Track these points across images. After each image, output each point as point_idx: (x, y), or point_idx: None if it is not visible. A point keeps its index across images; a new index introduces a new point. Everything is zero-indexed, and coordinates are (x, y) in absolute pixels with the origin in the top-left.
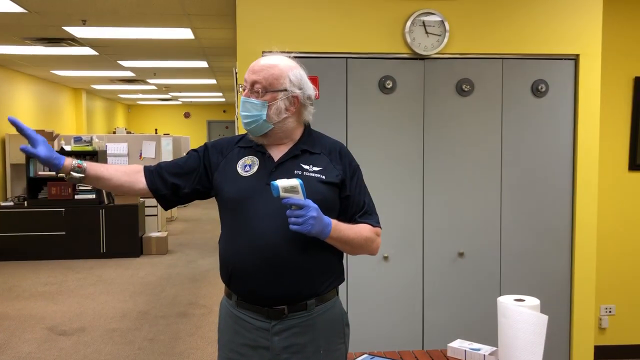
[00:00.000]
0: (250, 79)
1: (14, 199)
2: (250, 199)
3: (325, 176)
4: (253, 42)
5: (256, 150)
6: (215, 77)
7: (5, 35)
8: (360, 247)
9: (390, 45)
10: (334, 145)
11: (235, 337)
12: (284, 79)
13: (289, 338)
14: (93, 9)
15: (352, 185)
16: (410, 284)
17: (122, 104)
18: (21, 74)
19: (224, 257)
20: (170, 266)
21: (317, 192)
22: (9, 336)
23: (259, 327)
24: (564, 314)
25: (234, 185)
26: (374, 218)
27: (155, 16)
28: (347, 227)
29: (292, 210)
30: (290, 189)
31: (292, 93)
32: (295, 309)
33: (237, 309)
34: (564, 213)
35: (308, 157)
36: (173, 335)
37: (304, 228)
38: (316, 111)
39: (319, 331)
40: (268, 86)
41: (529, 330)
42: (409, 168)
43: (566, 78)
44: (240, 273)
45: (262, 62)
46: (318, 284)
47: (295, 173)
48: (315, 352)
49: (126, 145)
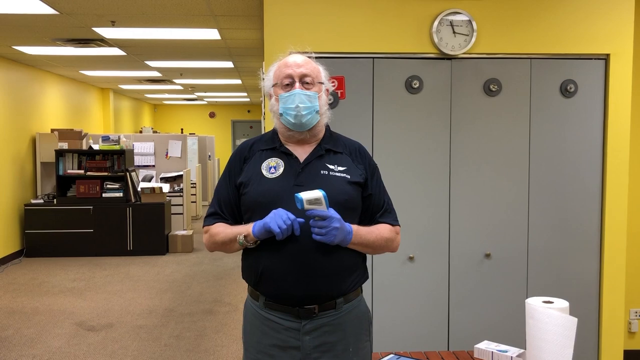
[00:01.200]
0: (298, 72)
1: (43, 197)
2: (278, 201)
3: (351, 176)
4: (280, 43)
5: (280, 152)
6: (240, 77)
7: (36, 36)
8: (381, 248)
9: (417, 45)
10: (353, 145)
11: (264, 338)
12: (321, 73)
13: (320, 337)
14: (122, 10)
15: (373, 184)
16: (436, 285)
17: (148, 103)
18: (51, 74)
19: (251, 259)
20: (195, 264)
21: (344, 192)
22: (39, 331)
23: (288, 327)
24: (592, 317)
25: (259, 187)
26: (393, 216)
27: (182, 17)
28: (368, 232)
29: (316, 221)
30: (314, 201)
31: (326, 87)
32: (325, 308)
33: (265, 310)
34: (593, 214)
35: (332, 156)
36: (199, 333)
37: (327, 239)
38: (342, 111)
39: (348, 329)
40: (315, 78)
41: (558, 332)
42: (435, 168)
43: (596, 78)
44: (271, 274)
45: (299, 57)
46: (346, 283)
47: (322, 173)
48: (344, 350)
49: (153, 144)
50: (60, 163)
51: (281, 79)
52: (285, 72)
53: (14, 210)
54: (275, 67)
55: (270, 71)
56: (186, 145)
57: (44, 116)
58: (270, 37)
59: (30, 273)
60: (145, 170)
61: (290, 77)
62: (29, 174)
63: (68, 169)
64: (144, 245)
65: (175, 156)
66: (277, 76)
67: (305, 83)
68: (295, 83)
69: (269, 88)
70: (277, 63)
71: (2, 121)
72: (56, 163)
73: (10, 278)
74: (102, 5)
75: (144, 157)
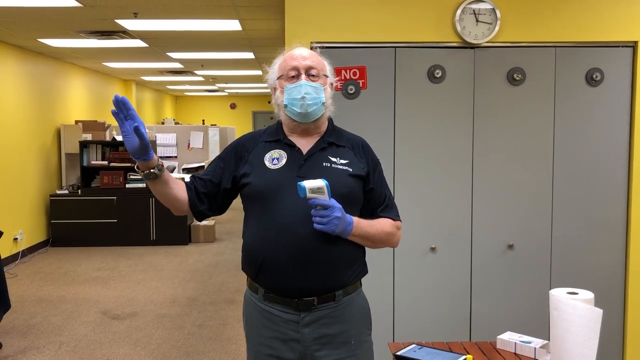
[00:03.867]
0: (304, 65)
1: (68, 188)
2: (280, 192)
3: (352, 169)
4: (301, 33)
5: (284, 144)
6: (260, 68)
7: (61, 29)
8: (381, 242)
9: (440, 34)
10: (356, 140)
11: (264, 330)
12: (326, 66)
13: (319, 329)
14: (144, 2)
15: (375, 178)
16: (458, 276)
17: (170, 95)
18: (75, 66)
19: (251, 250)
20: (217, 254)
21: (345, 185)
22: (66, 318)
23: (288, 319)
24: (617, 310)
25: (262, 177)
26: (394, 212)
27: (203, 8)
28: (368, 224)
29: (317, 210)
30: (316, 190)
31: (331, 80)
32: (324, 300)
33: (265, 302)
34: (619, 205)
35: (335, 149)
36: (221, 321)
37: (328, 227)
38: (364, 101)
39: (348, 322)
40: (320, 71)
41: (582, 324)
42: (457, 158)
43: (623, 66)
44: (271, 265)
45: (304, 50)
46: (345, 275)
47: (324, 165)
48: (345, 342)
49: (175, 135)
50: (85, 154)
51: (287, 70)
52: (291, 64)
53: (40, 200)
54: (280, 59)
55: (274, 64)
56: (207, 137)
57: (68, 108)
58: (291, 27)
59: (56, 262)
60: (167, 161)
61: (296, 69)
62: (54, 165)
63: (92, 160)
64: (167, 235)
65: (197, 147)
66: (282, 68)
67: (311, 75)
68: (301, 75)
69: (274, 81)
70: (281, 56)
71: (28, 113)
72: (80, 154)
73: (37, 267)
74: None
75: (166, 148)
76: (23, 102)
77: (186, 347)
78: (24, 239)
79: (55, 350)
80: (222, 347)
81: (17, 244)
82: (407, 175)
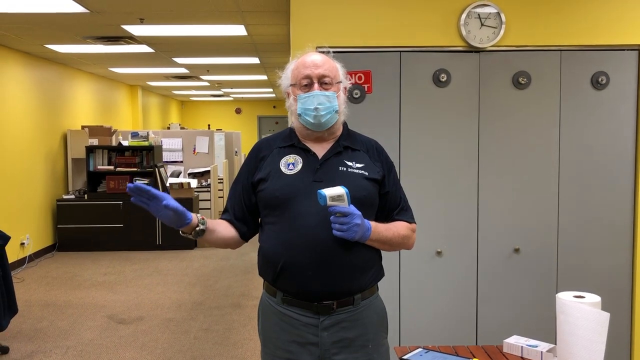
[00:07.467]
0: (317, 73)
1: (74, 193)
2: (297, 197)
3: (368, 173)
4: (307, 38)
5: (298, 149)
6: (266, 73)
7: (68, 35)
8: (398, 245)
9: (445, 39)
10: (370, 143)
11: (282, 334)
12: (339, 71)
13: (338, 333)
14: (150, 8)
15: (390, 182)
16: (464, 280)
17: (175, 100)
18: (81, 71)
19: (270, 254)
20: (223, 258)
21: (362, 188)
22: (72, 323)
23: (306, 323)
24: (624, 314)
25: (278, 183)
26: (409, 214)
27: (209, 14)
28: (385, 229)
29: (337, 217)
30: (337, 198)
31: (344, 85)
32: (343, 304)
33: (283, 306)
34: (625, 209)
35: (350, 153)
36: (227, 326)
37: (348, 235)
38: (370, 105)
39: (366, 325)
40: (334, 78)
41: (589, 327)
42: (463, 162)
43: (628, 69)
44: (291, 269)
45: (317, 57)
46: (364, 279)
47: (340, 169)
48: (363, 346)
49: (181, 140)
50: (91, 159)
51: (299, 79)
52: (303, 72)
53: (47, 205)
54: (293, 65)
55: (287, 70)
56: (213, 141)
57: (75, 113)
58: (296, 32)
59: (63, 267)
60: (173, 166)
61: (309, 77)
62: (60, 170)
63: (98, 165)
64: (173, 239)
65: (203, 152)
66: (295, 76)
67: (324, 83)
68: (314, 84)
69: (287, 87)
70: (294, 61)
71: (35, 118)
72: (87, 159)
73: (44, 271)
74: (131, 3)
75: (172, 153)
76: (30, 108)
77: (192, 351)
78: (30, 243)
79: (61, 354)
80: (228, 351)
81: (24, 248)
82: (413, 179)
